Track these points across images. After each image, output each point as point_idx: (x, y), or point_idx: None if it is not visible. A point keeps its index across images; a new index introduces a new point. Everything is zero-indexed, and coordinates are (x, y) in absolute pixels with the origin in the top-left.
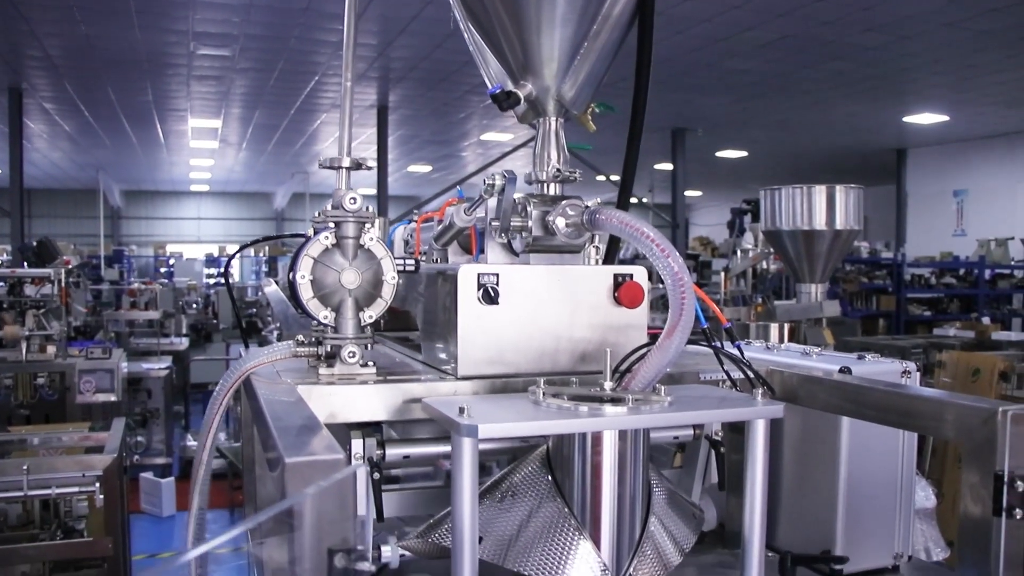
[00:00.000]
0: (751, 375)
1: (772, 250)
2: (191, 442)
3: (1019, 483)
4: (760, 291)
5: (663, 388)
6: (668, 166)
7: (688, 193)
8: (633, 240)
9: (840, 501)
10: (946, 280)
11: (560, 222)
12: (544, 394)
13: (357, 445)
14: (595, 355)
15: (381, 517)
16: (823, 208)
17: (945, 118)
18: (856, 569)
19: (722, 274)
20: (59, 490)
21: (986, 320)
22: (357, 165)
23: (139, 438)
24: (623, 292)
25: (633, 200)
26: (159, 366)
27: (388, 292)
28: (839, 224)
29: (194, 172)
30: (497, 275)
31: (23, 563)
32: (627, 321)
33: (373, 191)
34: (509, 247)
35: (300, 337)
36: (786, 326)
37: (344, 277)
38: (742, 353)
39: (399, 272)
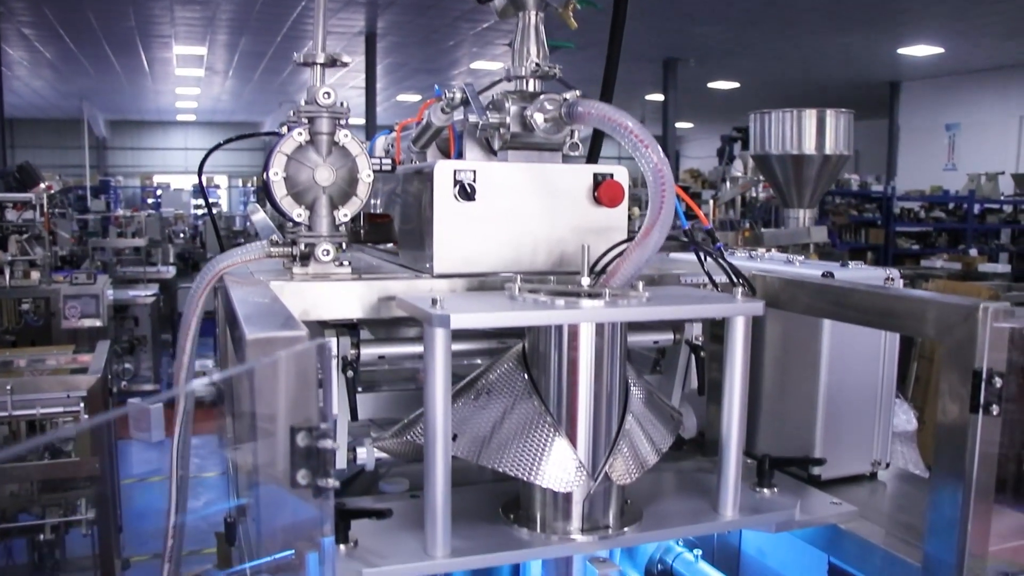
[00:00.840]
0: (732, 274)
1: (761, 178)
2: None
3: (997, 379)
4: (748, 218)
5: (642, 284)
6: (659, 97)
7: (679, 125)
8: (613, 132)
9: (819, 409)
10: (935, 214)
11: (538, 117)
12: (520, 289)
13: (331, 344)
14: (574, 256)
15: (355, 416)
16: (813, 132)
17: (940, 50)
18: (834, 475)
19: (711, 202)
20: (43, 410)
21: (973, 253)
22: (332, 61)
23: (127, 365)
24: (603, 191)
25: None
26: (145, 293)
27: (363, 190)
28: (828, 149)
29: (180, 102)
30: (474, 171)
31: (11, 483)
32: (607, 221)
33: (361, 120)
34: (487, 146)
35: (274, 237)
36: (773, 251)
37: (318, 174)
38: (723, 255)
39: (375, 171)
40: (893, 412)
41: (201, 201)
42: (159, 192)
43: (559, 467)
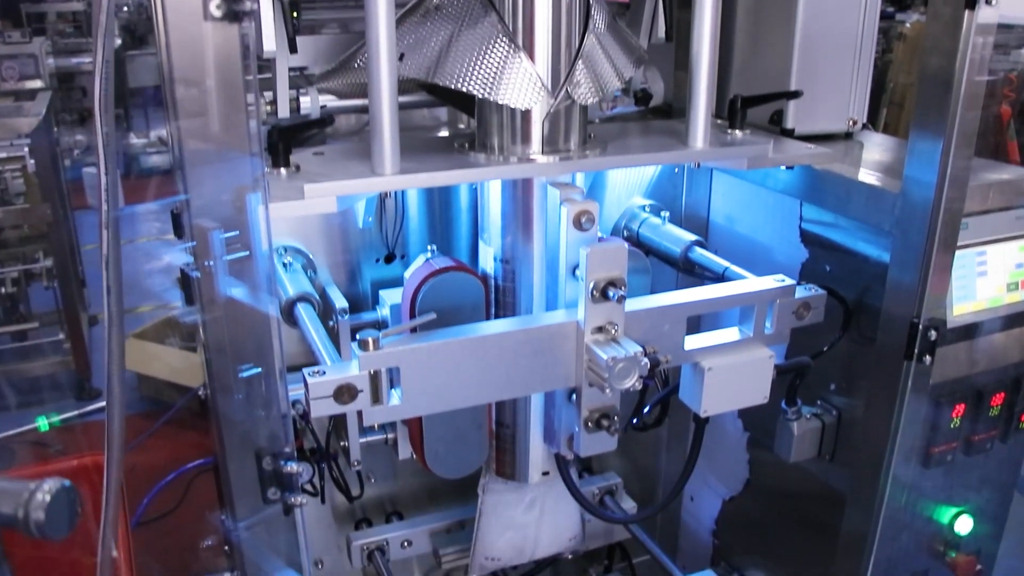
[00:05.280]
0: None
1: None
2: (133, 140)
3: None
4: None
5: None
6: None
7: None
8: None
9: (795, 57)
10: None
11: None
12: None
13: None
14: None
15: (294, 48)
16: None
17: None
18: (808, 131)
19: None
20: None
21: None
22: None
23: (79, 136)
24: None
25: None
26: (90, 60)
27: None
28: None
29: None
30: None
31: None
32: None
33: None
34: None
35: None
36: None
37: None
38: None
39: None
40: None
41: None
42: None
43: (519, 82)
